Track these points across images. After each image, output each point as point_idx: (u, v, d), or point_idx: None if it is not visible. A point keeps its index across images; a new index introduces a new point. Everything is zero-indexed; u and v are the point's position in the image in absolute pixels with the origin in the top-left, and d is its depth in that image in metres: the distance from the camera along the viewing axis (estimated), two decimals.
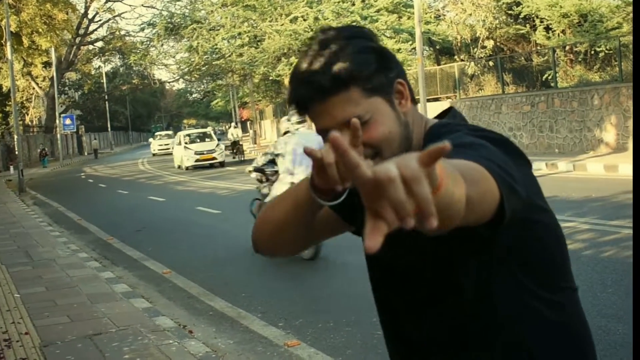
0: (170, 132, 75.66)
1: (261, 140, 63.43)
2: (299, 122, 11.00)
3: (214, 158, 38.06)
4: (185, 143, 39.31)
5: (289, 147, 10.74)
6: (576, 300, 2.07)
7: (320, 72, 1.78)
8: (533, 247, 1.88)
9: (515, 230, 1.76)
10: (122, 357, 6.73)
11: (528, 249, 1.87)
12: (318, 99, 1.79)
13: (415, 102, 1.92)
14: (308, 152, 1.50)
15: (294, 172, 10.55)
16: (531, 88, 29.48)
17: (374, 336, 6.72)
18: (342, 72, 1.77)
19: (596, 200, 14.11)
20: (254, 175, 12.68)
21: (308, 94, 1.81)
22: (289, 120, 11.06)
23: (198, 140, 39.72)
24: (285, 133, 10.95)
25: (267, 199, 11.73)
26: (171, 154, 46.53)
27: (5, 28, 33.33)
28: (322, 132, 1.82)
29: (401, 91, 1.86)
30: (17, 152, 34.00)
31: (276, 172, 11.47)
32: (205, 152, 37.97)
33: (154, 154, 63.24)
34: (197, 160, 37.72)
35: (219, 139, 43.69)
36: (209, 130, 44.06)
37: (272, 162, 11.69)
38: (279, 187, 10.52)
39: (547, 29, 32.71)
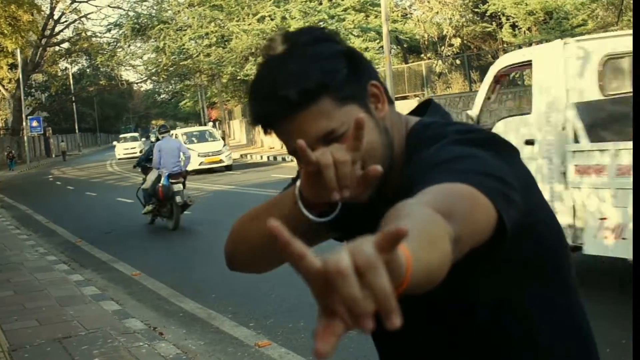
0: (136, 134, 74.49)
1: (230, 140, 63.30)
2: (162, 133, 16.86)
3: (220, 161, 32.90)
4: (184, 143, 32.34)
5: (155, 149, 16.10)
6: (580, 296, 1.83)
7: (286, 85, 1.56)
8: (540, 253, 1.70)
9: (519, 239, 1.55)
10: (92, 359, 6.69)
11: (538, 256, 1.70)
12: (286, 115, 1.57)
13: (392, 102, 1.74)
14: (301, 148, 1.39)
15: (159, 168, 15.92)
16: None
17: (346, 335, 6.71)
18: (310, 83, 1.55)
19: None
20: (138, 169, 18.25)
21: (274, 111, 1.59)
22: (158, 131, 17.67)
23: (195, 140, 34.09)
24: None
25: (144, 185, 16.90)
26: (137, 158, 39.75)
27: None
28: (294, 154, 1.59)
29: (376, 94, 1.67)
30: None
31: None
32: (210, 154, 32.79)
33: (119, 159, 57.58)
34: (201, 164, 31.83)
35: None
36: (210, 128, 39.55)
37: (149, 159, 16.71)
38: (150, 176, 16.50)
39: (514, 26, 32.94)
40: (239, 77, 47.08)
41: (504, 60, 9.77)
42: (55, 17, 65.34)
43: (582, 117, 7.81)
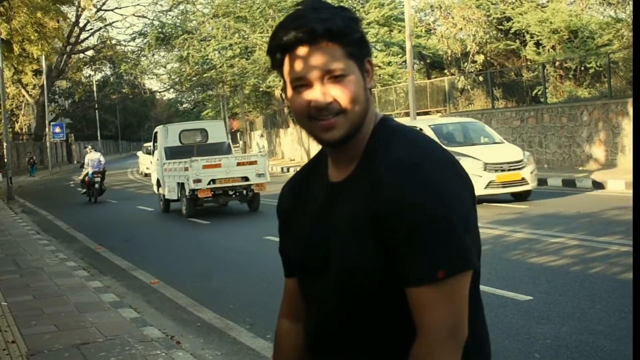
0: None
1: (251, 151, 63.39)
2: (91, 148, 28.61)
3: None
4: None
5: (86, 158, 27.93)
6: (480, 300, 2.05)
7: (315, 20, 1.86)
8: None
9: None
10: None
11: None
12: (307, 42, 1.86)
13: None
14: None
15: (87, 168, 27.26)
16: (521, 103, 29.59)
17: None
18: (335, 27, 1.86)
19: (585, 216, 14.15)
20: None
21: (300, 37, 1.86)
22: (89, 150, 28.72)
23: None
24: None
25: (80, 177, 28.58)
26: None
27: None
28: (297, 80, 1.88)
29: (368, 70, 1.94)
30: (6, 160, 33.88)
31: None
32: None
33: (145, 175, 43.18)
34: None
35: None
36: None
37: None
38: (83, 172, 27.65)
39: (537, 44, 32.83)
40: (261, 89, 47.14)
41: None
42: (81, 24, 65.88)
43: (167, 153, 22.06)
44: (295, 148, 45.27)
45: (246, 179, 19.68)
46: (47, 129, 61.40)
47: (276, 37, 1.91)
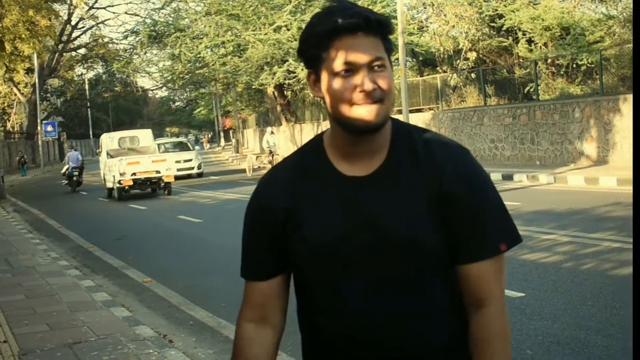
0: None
1: (243, 149, 63.37)
2: (71, 147, 37.19)
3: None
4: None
5: (67, 155, 34.34)
6: None
7: (367, 11, 1.98)
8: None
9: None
10: None
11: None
12: (362, 30, 1.96)
13: None
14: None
15: (68, 163, 33.53)
16: (513, 100, 29.63)
17: None
18: (385, 20, 1.99)
19: (577, 213, 14.19)
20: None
21: (356, 22, 1.95)
22: (70, 150, 36.64)
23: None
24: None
25: (62, 171, 35.46)
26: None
27: None
28: (345, 65, 1.96)
29: (392, 65, 2.05)
30: None
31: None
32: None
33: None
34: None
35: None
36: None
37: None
38: (65, 166, 34.23)
39: (530, 41, 32.87)
40: (253, 87, 47.10)
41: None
42: (73, 22, 65.67)
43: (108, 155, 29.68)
44: (288, 146, 45.26)
45: (158, 172, 27.33)
46: (39, 128, 61.21)
47: (325, 23, 1.98)
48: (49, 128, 58.48)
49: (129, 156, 28.19)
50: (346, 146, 2.06)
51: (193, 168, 36.67)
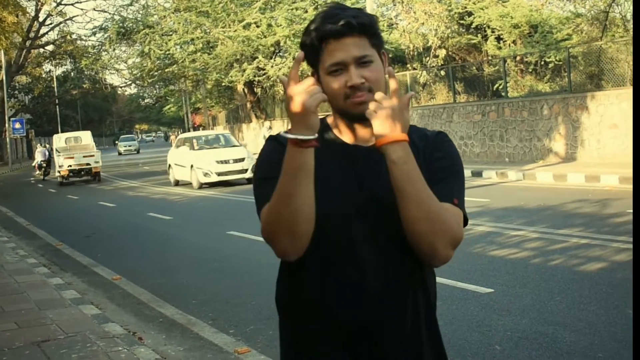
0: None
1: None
2: (44, 145, 45.87)
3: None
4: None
5: (36, 150, 44.58)
6: None
7: (349, 17, 2.28)
8: None
9: None
10: None
11: None
12: (344, 34, 2.27)
13: None
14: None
15: (37, 158, 42.74)
16: (482, 97, 29.77)
17: None
18: (366, 21, 2.30)
19: (545, 209, 14.29)
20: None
21: (338, 29, 2.27)
22: (39, 147, 44.79)
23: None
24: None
25: (33, 164, 47.38)
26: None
27: None
28: (336, 65, 2.29)
29: (383, 59, 2.36)
30: None
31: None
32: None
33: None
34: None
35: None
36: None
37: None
38: (36, 160, 43.63)
39: (498, 39, 33.06)
40: (223, 84, 47.02)
41: None
42: (41, 19, 65.10)
43: (57, 151, 37.11)
44: (259, 142, 45.22)
45: (88, 164, 36.01)
46: (6, 125, 60.70)
47: (317, 30, 2.30)
48: (17, 125, 58.02)
49: (66, 152, 36.62)
50: (348, 129, 2.42)
51: (245, 171, 26.31)
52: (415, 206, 2.20)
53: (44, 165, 41.34)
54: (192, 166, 26.76)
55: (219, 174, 25.87)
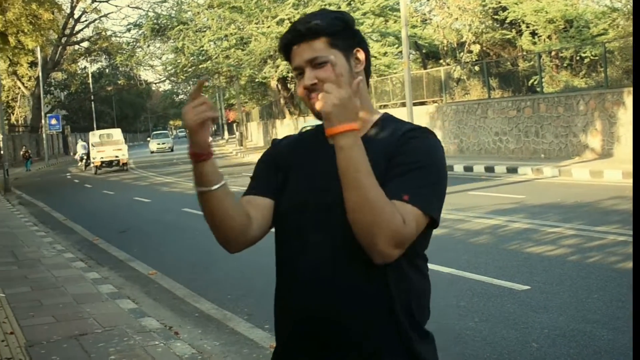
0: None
1: (247, 142, 63.36)
2: (82, 140, 52.55)
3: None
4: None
5: (78, 145, 52.29)
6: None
7: (301, 23, 2.40)
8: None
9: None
10: (107, 357, 6.72)
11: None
12: (295, 42, 2.41)
13: (369, 76, 2.55)
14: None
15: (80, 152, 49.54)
16: (517, 93, 29.58)
17: None
18: (314, 26, 2.37)
19: (582, 206, 14.18)
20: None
21: (289, 38, 2.43)
22: (79, 142, 53.33)
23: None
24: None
25: (76, 156, 53.42)
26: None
27: None
28: (296, 70, 2.43)
29: (358, 58, 2.44)
30: (2, 152, 33.84)
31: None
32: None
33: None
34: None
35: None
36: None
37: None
38: (77, 154, 51.24)
39: (533, 34, 32.83)
40: (257, 80, 47.08)
41: None
42: (76, 16, 65.79)
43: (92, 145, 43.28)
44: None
45: (117, 156, 42.56)
46: (43, 121, 61.32)
47: (280, 41, 2.48)
48: (53, 121, 58.57)
49: (99, 146, 42.79)
50: None
51: None
52: (354, 193, 2.16)
53: (85, 157, 46.99)
54: None
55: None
